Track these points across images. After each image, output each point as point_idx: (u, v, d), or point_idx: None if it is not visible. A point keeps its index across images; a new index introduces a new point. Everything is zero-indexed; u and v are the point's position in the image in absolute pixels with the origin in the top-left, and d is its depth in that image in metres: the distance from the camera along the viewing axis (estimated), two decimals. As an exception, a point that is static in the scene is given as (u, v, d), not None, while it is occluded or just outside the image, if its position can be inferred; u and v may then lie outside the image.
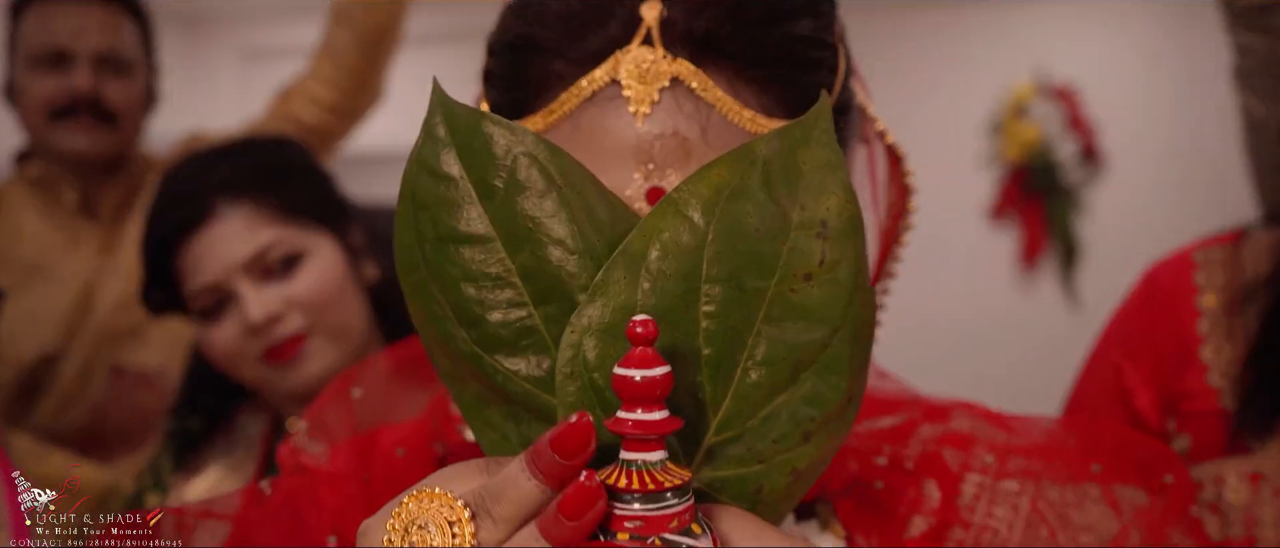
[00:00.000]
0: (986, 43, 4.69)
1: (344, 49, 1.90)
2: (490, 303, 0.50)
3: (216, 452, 1.33)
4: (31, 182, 1.91)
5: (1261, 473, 0.84)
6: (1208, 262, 0.94)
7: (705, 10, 0.57)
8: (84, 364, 1.83)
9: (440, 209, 0.49)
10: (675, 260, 0.49)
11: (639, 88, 0.56)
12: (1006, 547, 0.68)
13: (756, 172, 0.49)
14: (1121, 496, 0.69)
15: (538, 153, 0.50)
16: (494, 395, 0.51)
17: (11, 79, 1.87)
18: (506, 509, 0.46)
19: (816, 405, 0.49)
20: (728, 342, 0.49)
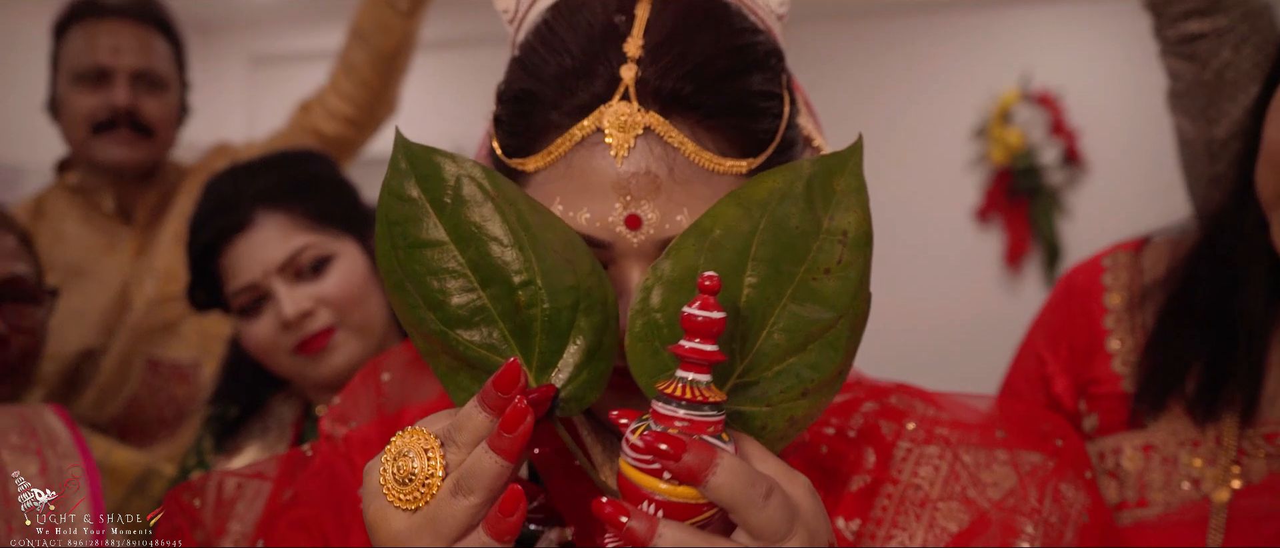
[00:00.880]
0: (973, 51, 4.76)
1: (361, 67, 2.01)
2: (449, 290, 0.64)
3: (253, 435, 1.46)
4: (71, 189, 2.04)
5: (1152, 444, 0.98)
6: (1115, 265, 1.07)
7: (672, 71, 0.68)
8: (122, 358, 1.95)
9: (406, 223, 0.64)
10: (732, 239, 0.63)
11: (619, 136, 0.67)
12: (928, 500, 0.82)
13: (802, 183, 0.63)
14: (1022, 458, 0.83)
15: (475, 174, 0.64)
16: (460, 364, 0.66)
17: (54, 94, 1.99)
18: (466, 436, 0.61)
19: (816, 371, 0.63)
20: (761, 308, 0.62)
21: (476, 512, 0.60)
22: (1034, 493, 0.81)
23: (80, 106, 1.93)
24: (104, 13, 1.95)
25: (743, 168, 0.68)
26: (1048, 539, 0.79)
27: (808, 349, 0.63)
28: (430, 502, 0.61)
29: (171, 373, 1.98)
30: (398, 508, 0.62)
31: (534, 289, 0.63)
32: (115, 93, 1.92)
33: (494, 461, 0.59)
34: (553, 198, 0.70)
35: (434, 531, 0.60)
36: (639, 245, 0.68)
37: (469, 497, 0.60)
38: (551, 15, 0.74)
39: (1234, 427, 0.94)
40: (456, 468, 0.61)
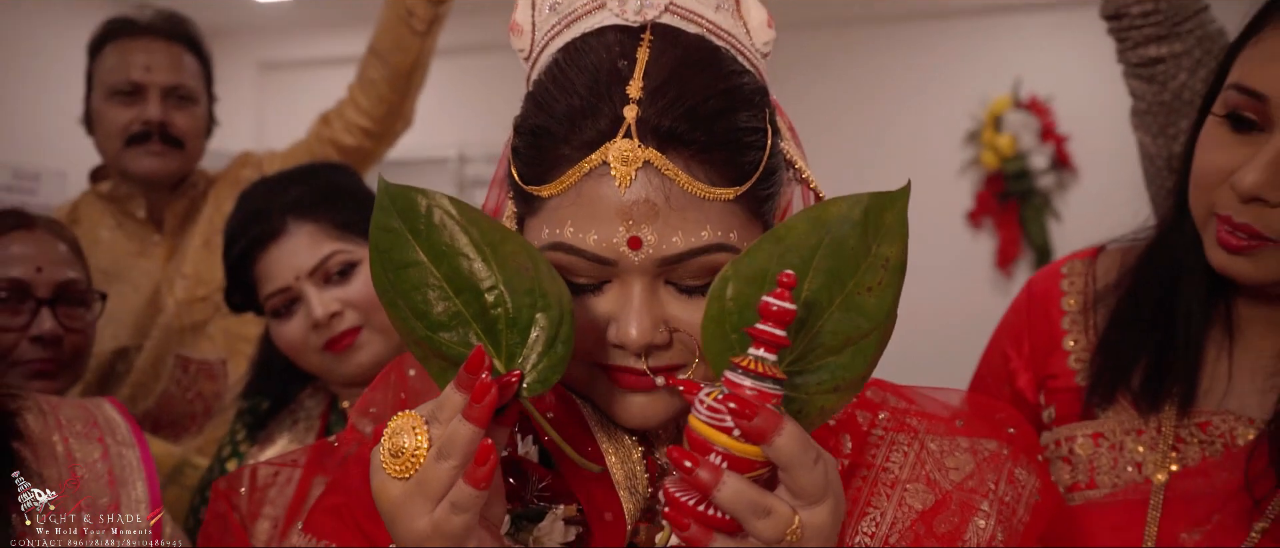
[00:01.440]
0: (965, 59, 4.86)
1: (379, 83, 2.12)
2: (430, 301, 0.75)
3: (283, 427, 1.56)
4: (103, 196, 2.16)
5: (1101, 432, 1.08)
6: (1072, 272, 1.18)
7: (668, 111, 0.76)
8: (154, 357, 2.07)
9: (392, 249, 0.75)
10: (800, 250, 0.73)
11: (621, 168, 0.76)
12: (897, 481, 0.93)
13: (860, 211, 0.74)
14: (981, 445, 0.93)
15: (443, 204, 0.75)
16: (448, 364, 0.77)
17: (89, 109, 2.11)
18: (446, 413, 0.72)
19: (848, 371, 0.73)
20: (816, 310, 0.72)
21: (455, 472, 0.71)
22: (991, 476, 0.91)
23: (115, 120, 2.04)
24: (137, 31, 2.06)
25: (730, 195, 0.77)
26: (1002, 516, 0.89)
27: (844, 352, 0.73)
28: (418, 469, 0.72)
29: (200, 370, 2.09)
30: (393, 478, 0.72)
31: (498, 293, 0.74)
32: (147, 107, 2.03)
33: (468, 428, 0.70)
34: (565, 221, 0.78)
35: (422, 493, 0.71)
36: (640, 263, 0.77)
37: (448, 460, 0.70)
38: (562, 57, 0.82)
39: (1173, 417, 1.06)
40: (438, 440, 0.72)
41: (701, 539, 0.68)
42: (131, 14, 2.08)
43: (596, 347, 0.81)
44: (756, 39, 0.86)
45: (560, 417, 0.87)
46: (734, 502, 0.67)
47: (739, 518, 0.68)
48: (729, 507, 0.67)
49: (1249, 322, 1.06)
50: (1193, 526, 1.01)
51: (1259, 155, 0.93)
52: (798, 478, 0.68)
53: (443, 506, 0.71)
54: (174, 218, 2.14)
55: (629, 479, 0.84)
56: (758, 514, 0.67)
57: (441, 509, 0.71)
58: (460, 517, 0.71)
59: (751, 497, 0.67)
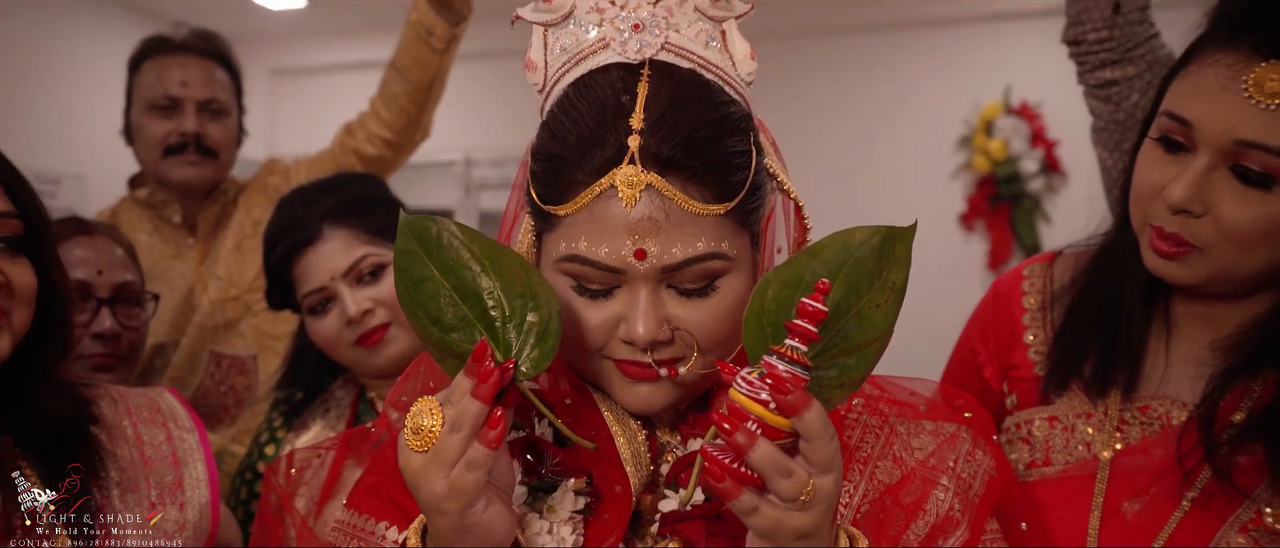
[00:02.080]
0: (958, 66, 4.94)
1: (399, 97, 2.24)
2: (442, 308, 0.87)
3: (316, 415, 1.68)
4: (141, 202, 2.29)
5: (1056, 416, 1.21)
6: (1032, 275, 1.32)
7: (667, 141, 0.86)
8: (190, 353, 2.20)
9: (411, 268, 0.88)
10: (829, 264, 0.84)
11: (627, 190, 0.86)
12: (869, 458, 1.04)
13: (878, 239, 0.84)
14: (942, 428, 1.05)
15: (449, 227, 0.88)
16: (459, 360, 0.86)
17: (128, 121, 2.24)
18: (457, 396, 0.83)
19: (852, 373, 0.84)
20: (836, 316, 0.82)
21: (466, 442, 0.83)
22: (950, 454, 1.03)
23: (153, 132, 2.18)
24: (173, 49, 2.20)
25: (721, 210, 0.88)
26: (959, 489, 1.00)
27: (852, 355, 0.84)
28: (435, 442, 0.84)
29: (232, 365, 2.22)
30: (415, 452, 0.84)
31: (496, 298, 0.87)
32: (184, 120, 2.17)
33: (475, 405, 0.82)
34: (579, 236, 0.89)
35: (438, 461, 0.83)
36: (645, 271, 0.88)
37: (460, 432, 0.82)
38: (572, 91, 0.92)
39: (1118, 402, 1.19)
40: (450, 418, 0.84)
41: (733, 493, 0.79)
42: (168, 32, 2.22)
43: (607, 343, 0.92)
44: (741, 70, 0.95)
45: (576, 403, 0.98)
46: (763, 462, 0.78)
47: (765, 477, 0.79)
48: (759, 466, 0.78)
49: (1183, 318, 1.19)
50: (1133, 496, 1.15)
51: (1185, 173, 1.07)
52: (816, 449, 0.79)
53: (458, 466, 0.83)
54: (207, 222, 2.28)
55: (634, 456, 0.96)
56: (782, 474, 0.78)
57: (457, 470, 0.83)
58: (473, 475, 0.83)
59: (778, 459, 0.78)
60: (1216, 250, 1.07)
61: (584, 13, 0.94)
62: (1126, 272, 1.20)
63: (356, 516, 1.06)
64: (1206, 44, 1.09)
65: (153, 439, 1.29)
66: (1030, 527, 1.09)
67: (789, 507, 0.79)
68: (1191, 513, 1.11)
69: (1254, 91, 1.02)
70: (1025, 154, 4.78)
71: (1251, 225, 1.04)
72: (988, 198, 4.88)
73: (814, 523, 0.80)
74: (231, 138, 2.25)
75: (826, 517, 0.81)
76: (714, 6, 0.93)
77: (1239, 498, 1.09)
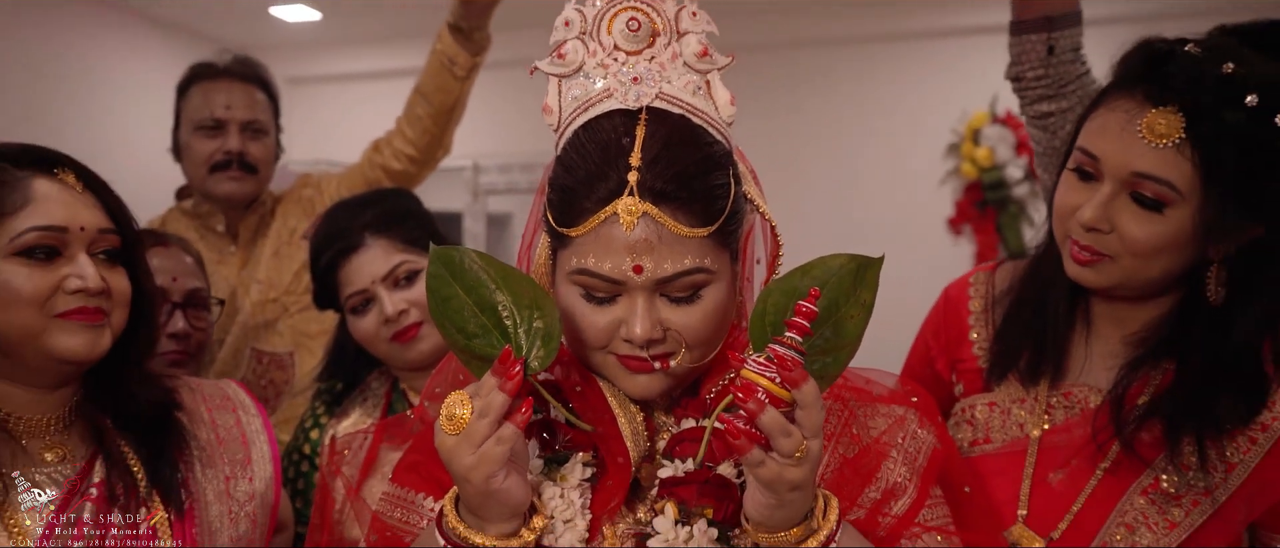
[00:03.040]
0: (946, 77, 5.09)
1: (423, 118, 2.44)
2: (466, 319, 1.04)
3: (354, 404, 1.86)
4: (187, 212, 2.50)
5: (995, 402, 1.42)
6: (977, 282, 1.53)
7: (660, 176, 1.02)
8: (233, 350, 2.40)
9: (440, 288, 1.05)
10: (818, 280, 1.01)
11: (627, 217, 1.01)
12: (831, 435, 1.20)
13: (855, 265, 1.01)
14: (893, 411, 1.22)
15: (469, 253, 1.05)
16: (481, 361, 1.03)
17: (177, 140, 2.45)
18: (484, 390, 0.99)
19: (828, 370, 1.01)
20: (821, 320, 0.99)
21: (492, 427, 0.99)
22: (899, 432, 1.19)
23: (200, 151, 2.39)
24: (218, 74, 2.41)
25: (705, 233, 1.03)
26: (907, 460, 1.17)
27: (828, 355, 1.02)
28: (465, 427, 0.99)
29: (271, 361, 2.42)
30: (449, 434, 1.00)
31: (509, 309, 1.04)
32: (228, 139, 2.37)
33: (500, 397, 0.99)
34: (587, 254, 1.04)
35: (468, 441, 0.99)
36: (641, 283, 1.03)
37: (486, 419, 0.99)
38: (581, 132, 1.08)
39: (1046, 389, 1.40)
40: (479, 408, 1.00)
41: (745, 448, 0.95)
42: (213, 59, 2.43)
43: (611, 341, 1.08)
44: (723, 114, 1.11)
45: (585, 390, 1.14)
46: (770, 424, 0.94)
47: (770, 436, 0.95)
48: (766, 427, 0.94)
49: (1100, 318, 1.41)
50: (1057, 467, 1.36)
51: (1094, 198, 1.28)
52: (810, 416, 0.95)
53: (489, 441, 0.99)
54: (247, 231, 2.48)
55: (633, 434, 1.12)
56: (783, 434, 0.94)
57: (487, 443, 0.99)
58: (500, 448, 0.99)
59: (781, 422, 0.94)
60: (1122, 259, 1.28)
61: (592, 67, 1.10)
62: (1053, 280, 1.40)
63: (400, 489, 1.23)
64: (1111, 92, 1.30)
65: (224, 423, 1.49)
66: (972, 491, 1.30)
67: (787, 462, 0.96)
68: (1104, 481, 1.32)
69: (1146, 133, 1.23)
70: (1010, 161, 4.91)
71: (1148, 240, 1.26)
72: (975, 203, 5.01)
73: (805, 476, 0.97)
74: (270, 155, 2.46)
75: (813, 473, 0.98)
76: (700, 61, 1.10)
77: (1141, 467, 1.30)
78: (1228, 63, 1.23)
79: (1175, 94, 1.23)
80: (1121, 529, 1.28)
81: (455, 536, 1.04)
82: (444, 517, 1.06)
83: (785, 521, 1.00)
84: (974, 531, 1.19)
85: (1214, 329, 1.29)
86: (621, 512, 1.13)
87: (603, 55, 1.10)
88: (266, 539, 1.49)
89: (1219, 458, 1.26)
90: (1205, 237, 1.25)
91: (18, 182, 1.28)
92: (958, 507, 1.21)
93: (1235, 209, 1.23)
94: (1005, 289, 1.49)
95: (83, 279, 1.27)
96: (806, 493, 1.00)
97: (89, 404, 1.36)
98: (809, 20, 5.28)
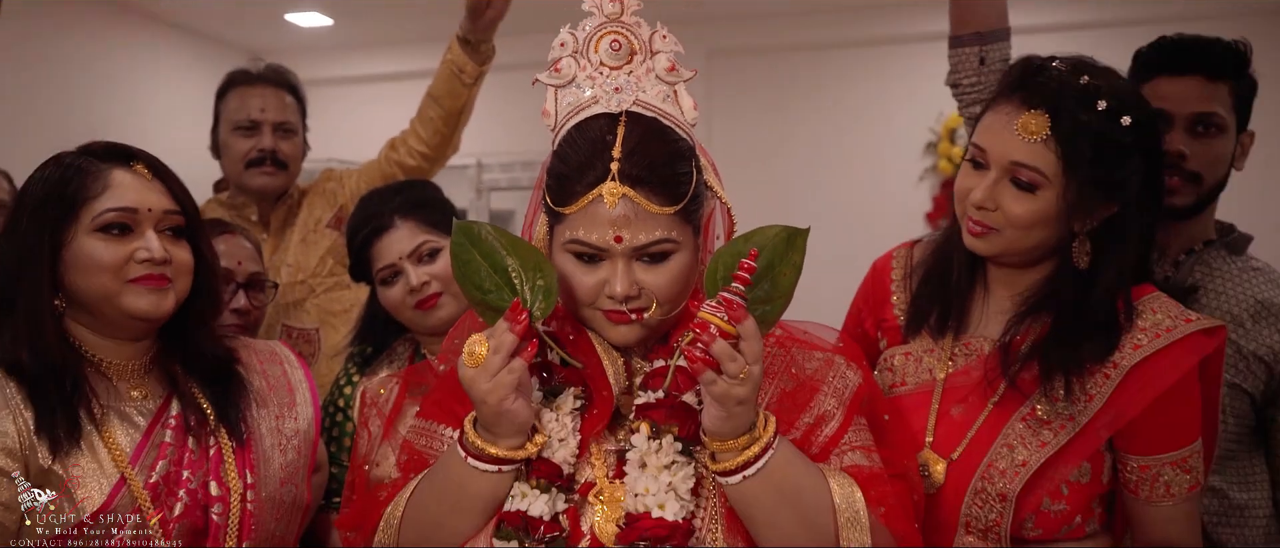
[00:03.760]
0: (925, 79, 5.05)
1: (435, 120, 2.73)
2: (482, 277, 1.26)
3: (382, 365, 2.14)
4: (223, 203, 2.78)
5: (911, 352, 1.68)
6: (898, 255, 1.81)
7: (637, 166, 1.22)
8: (267, 326, 2.63)
9: (460, 253, 1.27)
10: (757, 244, 1.23)
11: (610, 197, 1.21)
12: (772, 372, 1.39)
13: (786, 234, 1.24)
14: (826, 356, 1.46)
15: (485, 226, 1.28)
16: (495, 312, 1.24)
17: (215, 139, 2.74)
18: (498, 333, 1.21)
19: (768, 316, 1.24)
20: (760, 277, 1.22)
21: (505, 360, 1.21)
22: (829, 372, 1.40)
23: (237, 148, 2.68)
24: (252, 80, 2.71)
25: (671, 211, 1.25)
26: (834, 394, 1.37)
27: (767, 304, 1.24)
28: (483, 361, 1.21)
29: (300, 336, 2.71)
30: (469, 367, 1.22)
31: (517, 270, 1.26)
32: (262, 138, 2.67)
33: (510, 338, 1.21)
34: (578, 227, 1.25)
35: (485, 372, 1.21)
36: (621, 250, 1.24)
37: (499, 354, 1.21)
38: (573, 131, 1.30)
39: (950, 340, 1.68)
40: (493, 346, 1.22)
41: (701, 370, 1.17)
42: (248, 66, 2.73)
43: (597, 298, 1.29)
44: (687, 117, 1.34)
45: (577, 338, 1.35)
46: (719, 351, 1.17)
47: (720, 360, 1.17)
48: (717, 353, 1.17)
49: (995, 280, 1.70)
50: (957, 403, 1.64)
51: (983, 182, 1.57)
52: (751, 346, 1.18)
53: (502, 371, 1.21)
54: (278, 220, 2.77)
55: (614, 373, 1.33)
56: (730, 359, 1.17)
57: (500, 373, 1.21)
58: (511, 376, 1.21)
59: (728, 350, 1.17)
60: (1006, 231, 1.57)
61: (582, 79, 1.33)
62: (957, 252, 1.70)
63: (426, 422, 1.45)
64: (996, 98, 1.60)
65: (273, 373, 1.78)
66: (891, 419, 1.56)
67: (733, 382, 1.18)
68: (993, 412, 1.61)
69: (1021, 130, 1.53)
70: (984, 158, 5.15)
71: (1024, 215, 1.55)
72: (951, 198, 5.20)
73: (748, 394, 1.20)
74: (299, 152, 2.75)
75: (754, 392, 1.21)
76: (669, 74, 1.34)
77: (1021, 399, 1.59)
78: (1085, 76, 1.53)
79: (1043, 100, 1.52)
80: (1005, 449, 1.57)
81: (474, 448, 1.27)
82: (465, 434, 1.29)
83: (733, 431, 1.23)
84: (892, 448, 1.42)
85: (1080, 289, 1.58)
86: (604, 435, 1.35)
87: (591, 69, 1.32)
88: (309, 469, 1.77)
89: (1081, 391, 1.55)
90: (1070, 213, 1.54)
91: (100, 172, 1.55)
92: (879, 432, 1.43)
93: (1092, 191, 1.53)
94: (920, 261, 1.79)
95: (150, 251, 1.52)
96: (749, 408, 1.22)
97: (165, 355, 1.65)
98: (793, 27, 5.53)
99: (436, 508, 1.33)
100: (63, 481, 1.47)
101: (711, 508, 1.31)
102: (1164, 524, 1.59)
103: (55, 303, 1.53)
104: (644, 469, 1.28)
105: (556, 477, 1.30)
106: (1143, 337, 1.55)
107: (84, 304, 1.55)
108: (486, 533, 1.29)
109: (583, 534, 1.31)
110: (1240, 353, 1.95)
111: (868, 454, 1.38)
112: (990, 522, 1.55)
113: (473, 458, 1.28)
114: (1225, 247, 2.05)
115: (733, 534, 1.29)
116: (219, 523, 1.57)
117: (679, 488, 1.27)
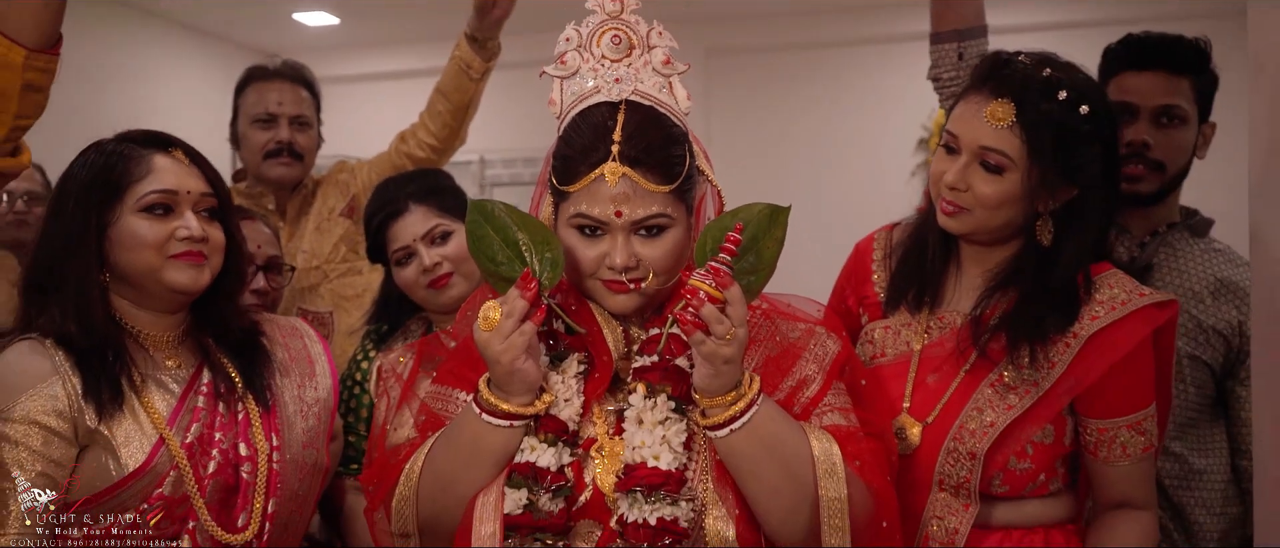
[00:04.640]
0: (917, 77, 5.20)
1: (443, 114, 2.86)
2: (495, 251, 1.35)
3: (396, 342, 2.26)
4: (241, 193, 2.90)
5: (890, 326, 1.80)
6: (879, 237, 1.93)
7: (636, 148, 1.32)
8: (283, 309, 2.72)
9: (475, 229, 1.37)
10: (742, 219, 1.33)
11: (610, 176, 1.32)
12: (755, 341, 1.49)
13: (770, 211, 1.35)
14: (806, 325, 1.58)
15: (499, 204, 1.37)
16: (507, 283, 1.33)
17: (235, 131, 2.88)
18: (510, 299, 1.31)
19: (752, 285, 1.35)
20: (745, 250, 1.31)
21: (516, 324, 1.30)
22: (810, 340, 1.52)
23: (255, 140, 2.81)
24: (270, 76, 2.84)
25: (666, 189, 1.35)
26: (815, 360, 1.49)
27: (749, 275, 1.34)
28: (496, 324, 1.30)
29: (315, 319, 2.82)
30: (483, 331, 1.31)
31: (527, 243, 1.35)
32: (280, 131, 2.80)
33: (521, 304, 1.30)
34: (582, 203, 1.35)
35: (499, 334, 1.30)
36: (621, 224, 1.34)
37: (511, 318, 1.30)
38: (577, 117, 1.40)
39: (926, 314, 1.81)
40: (505, 311, 1.31)
41: (691, 332, 1.28)
42: (266, 62, 2.86)
43: (598, 269, 1.38)
44: (681, 106, 1.44)
45: (579, 308, 1.45)
46: (708, 314, 1.27)
47: (708, 323, 1.27)
48: (705, 316, 1.27)
49: (967, 258, 1.82)
50: (932, 371, 1.76)
51: (955, 166, 1.70)
52: (736, 309, 1.28)
53: (514, 333, 1.31)
54: (293, 209, 2.90)
55: (614, 340, 1.44)
56: (717, 321, 1.27)
57: (512, 335, 1.30)
58: (522, 338, 1.31)
59: (716, 313, 1.27)
60: (976, 211, 1.70)
61: (585, 71, 1.43)
62: (932, 232, 1.83)
63: (442, 386, 1.53)
64: (967, 89, 1.73)
65: (295, 346, 1.91)
66: (868, 384, 1.66)
67: (721, 343, 1.28)
68: (964, 380, 1.73)
69: (989, 117, 1.66)
70: (974, 154, 5.25)
71: (992, 196, 1.67)
72: None
73: (734, 354, 1.30)
74: (314, 144, 2.88)
75: (740, 353, 1.30)
76: (665, 67, 1.44)
77: (990, 367, 1.71)
78: (1047, 69, 1.67)
79: (1010, 90, 1.66)
80: (975, 411, 1.69)
81: (488, 404, 1.37)
82: (479, 393, 1.38)
83: (721, 388, 1.33)
84: (869, 410, 1.53)
85: (1044, 265, 1.71)
86: (605, 397, 1.46)
87: (593, 62, 1.42)
88: (328, 435, 1.91)
89: (1044, 359, 1.68)
90: (1034, 194, 1.67)
91: (142, 158, 1.69)
92: (857, 396, 1.54)
93: (1054, 174, 1.66)
94: (899, 242, 1.92)
95: (189, 229, 1.64)
96: (735, 367, 1.32)
97: (196, 327, 1.78)
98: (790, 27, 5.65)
99: (453, 461, 1.42)
100: (108, 440, 1.60)
101: (702, 461, 1.41)
102: (1121, 483, 1.72)
103: (102, 278, 1.66)
104: (641, 425, 1.39)
105: (562, 432, 1.40)
106: (1100, 309, 1.68)
107: (128, 279, 1.68)
108: (498, 484, 1.40)
109: (585, 485, 1.41)
110: (1201, 327, 2.08)
111: (846, 415, 1.49)
112: (961, 479, 1.68)
113: (486, 414, 1.37)
114: (1188, 229, 2.19)
115: (722, 485, 1.40)
116: (248, 481, 1.70)
117: (672, 441, 1.38)
